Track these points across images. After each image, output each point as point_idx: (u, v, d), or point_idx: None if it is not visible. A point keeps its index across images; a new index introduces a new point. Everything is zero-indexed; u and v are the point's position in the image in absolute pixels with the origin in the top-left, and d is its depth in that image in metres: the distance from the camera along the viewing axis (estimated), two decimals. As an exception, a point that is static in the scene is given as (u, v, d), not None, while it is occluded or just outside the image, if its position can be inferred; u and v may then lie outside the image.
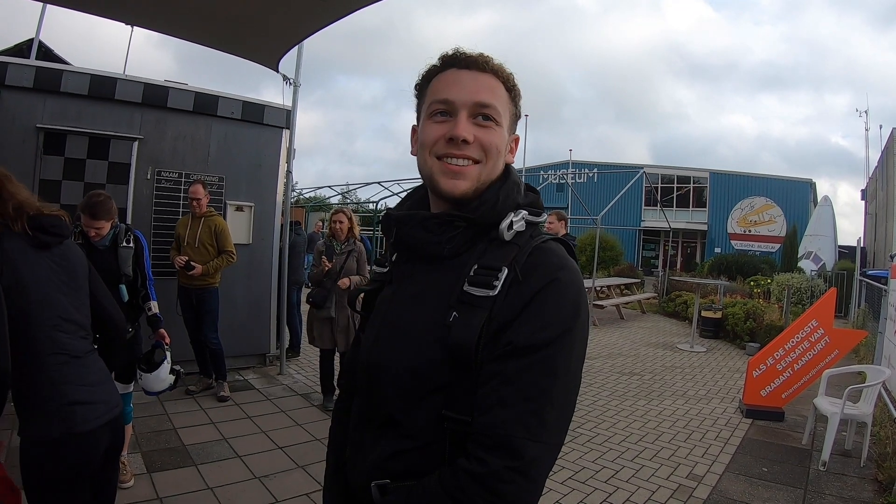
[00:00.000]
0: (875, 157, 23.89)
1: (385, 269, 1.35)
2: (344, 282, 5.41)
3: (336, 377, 5.77)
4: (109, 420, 2.17)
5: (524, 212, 1.17)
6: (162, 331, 3.63)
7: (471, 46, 1.22)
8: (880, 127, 24.51)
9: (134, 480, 3.81)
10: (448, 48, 1.22)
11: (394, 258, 1.33)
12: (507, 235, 1.13)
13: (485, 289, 1.06)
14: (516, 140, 1.28)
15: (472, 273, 1.09)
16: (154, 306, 3.99)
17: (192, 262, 5.50)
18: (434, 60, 1.22)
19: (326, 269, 5.44)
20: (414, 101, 1.29)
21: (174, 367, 3.53)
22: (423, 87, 1.25)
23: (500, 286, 1.05)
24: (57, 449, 2.01)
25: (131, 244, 3.85)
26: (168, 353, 3.49)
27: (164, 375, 3.44)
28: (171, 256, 5.73)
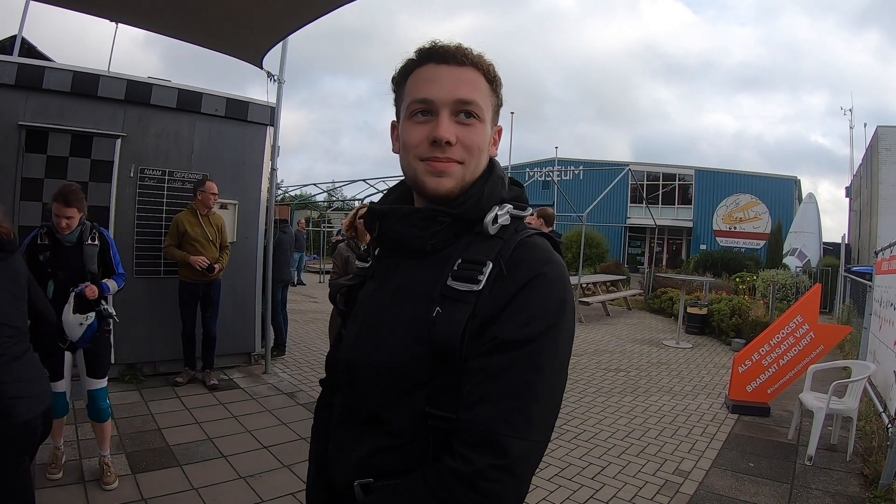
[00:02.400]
0: (858, 154, 24.12)
1: (367, 264, 1.33)
2: None
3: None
4: (43, 410, 2.49)
5: (509, 206, 1.15)
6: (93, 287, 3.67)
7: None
8: (864, 125, 24.77)
9: (118, 482, 3.77)
10: (425, 41, 1.17)
11: (376, 252, 1.31)
12: (492, 229, 1.11)
13: (469, 283, 1.04)
14: (499, 132, 1.26)
15: (455, 267, 1.07)
16: (108, 299, 3.98)
17: (213, 265, 5.85)
18: (411, 54, 1.18)
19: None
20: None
21: (99, 309, 3.73)
22: (400, 83, 1.21)
23: (484, 280, 1.04)
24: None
25: (96, 242, 3.85)
26: (73, 297, 3.57)
27: (70, 317, 3.52)
28: (167, 251, 5.94)
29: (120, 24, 5.40)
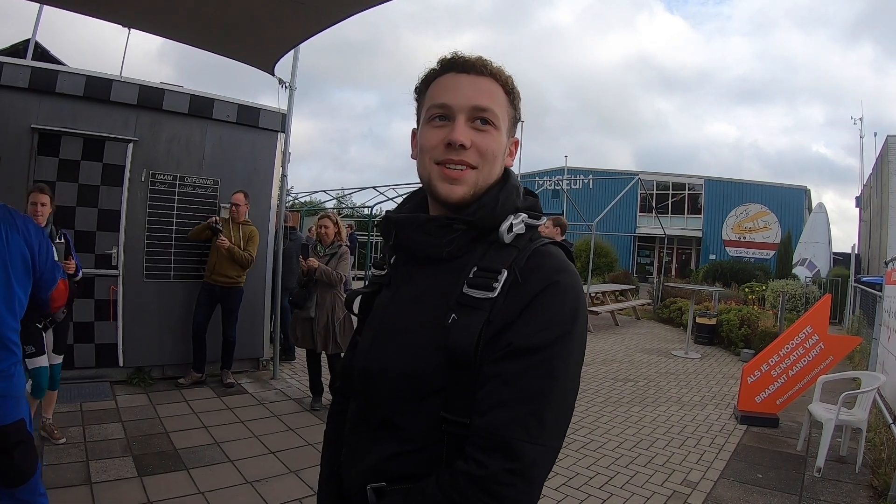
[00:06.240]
0: (866, 164, 24.01)
1: (383, 272, 1.34)
2: (311, 261, 5.52)
3: (324, 377, 5.96)
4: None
5: (524, 215, 1.17)
6: None
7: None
8: (875, 134, 24.59)
9: (123, 485, 3.80)
10: (446, 52, 1.22)
11: (392, 261, 1.32)
12: (507, 238, 1.13)
13: (484, 291, 1.05)
14: (516, 143, 1.27)
15: (471, 275, 1.09)
16: None
17: (219, 227, 6.11)
18: (433, 64, 1.22)
19: (305, 268, 5.57)
20: (413, 104, 1.29)
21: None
22: (422, 91, 1.25)
23: (499, 288, 1.05)
24: None
25: (62, 240, 4.29)
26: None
27: None
28: (199, 228, 6.25)
29: (134, 35, 5.46)
